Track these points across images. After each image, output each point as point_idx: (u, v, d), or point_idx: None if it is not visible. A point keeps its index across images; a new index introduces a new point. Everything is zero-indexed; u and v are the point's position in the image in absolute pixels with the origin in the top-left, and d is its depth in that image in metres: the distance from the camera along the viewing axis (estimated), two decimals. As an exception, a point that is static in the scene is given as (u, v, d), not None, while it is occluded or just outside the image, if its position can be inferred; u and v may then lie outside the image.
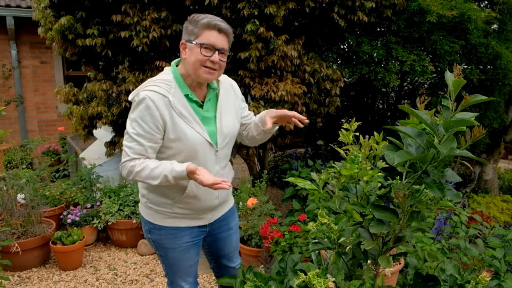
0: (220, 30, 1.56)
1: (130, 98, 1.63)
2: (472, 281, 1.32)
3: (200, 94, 1.69)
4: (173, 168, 1.52)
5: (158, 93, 1.55)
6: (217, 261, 2.05)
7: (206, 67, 1.57)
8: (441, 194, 1.28)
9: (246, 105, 1.91)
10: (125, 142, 1.59)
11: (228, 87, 1.79)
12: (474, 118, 1.25)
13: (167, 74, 1.65)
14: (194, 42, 1.56)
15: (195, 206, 1.73)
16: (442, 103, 1.30)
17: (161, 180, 1.53)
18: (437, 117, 1.33)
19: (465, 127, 1.29)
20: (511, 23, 4.43)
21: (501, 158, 6.73)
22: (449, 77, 1.28)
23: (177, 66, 1.69)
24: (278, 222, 3.43)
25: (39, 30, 4.07)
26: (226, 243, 1.98)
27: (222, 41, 1.57)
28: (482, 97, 1.24)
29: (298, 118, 1.69)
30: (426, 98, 1.48)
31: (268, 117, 1.71)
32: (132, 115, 1.58)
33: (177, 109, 1.57)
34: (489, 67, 4.35)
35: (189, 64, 1.59)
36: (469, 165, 1.34)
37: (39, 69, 7.15)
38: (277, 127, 1.85)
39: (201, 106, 1.68)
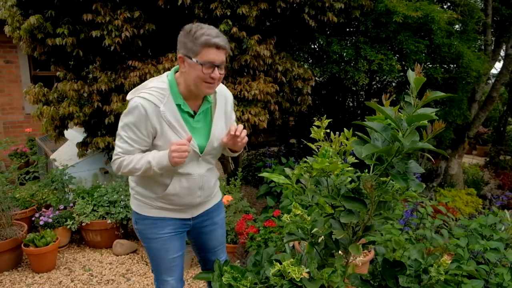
0: (218, 47, 1.60)
1: (128, 98, 1.71)
2: (434, 264, 1.42)
3: (194, 105, 1.76)
4: (154, 155, 1.66)
5: (150, 101, 1.63)
6: (203, 255, 2.13)
7: (206, 82, 1.64)
8: (405, 184, 1.37)
9: (235, 116, 1.99)
10: (117, 142, 1.72)
11: (222, 99, 1.85)
12: (434, 113, 1.34)
13: (163, 82, 1.70)
14: (194, 60, 1.60)
15: (176, 202, 1.84)
16: (405, 99, 1.39)
17: (145, 168, 1.66)
18: (401, 113, 1.43)
19: (426, 122, 1.38)
20: (471, 24, 4.65)
21: (465, 153, 7.03)
22: (411, 75, 1.38)
23: (176, 72, 1.74)
24: (253, 219, 3.49)
25: (6, 29, 3.96)
26: (211, 237, 2.05)
27: (220, 56, 1.62)
28: (441, 94, 1.34)
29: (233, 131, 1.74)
30: (392, 95, 1.58)
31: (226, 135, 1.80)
32: (125, 119, 1.68)
33: (166, 119, 1.66)
34: (452, 66, 4.55)
35: (189, 79, 1.65)
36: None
37: (4, 69, 6.93)
38: (239, 152, 1.95)
39: (192, 116, 1.75)
